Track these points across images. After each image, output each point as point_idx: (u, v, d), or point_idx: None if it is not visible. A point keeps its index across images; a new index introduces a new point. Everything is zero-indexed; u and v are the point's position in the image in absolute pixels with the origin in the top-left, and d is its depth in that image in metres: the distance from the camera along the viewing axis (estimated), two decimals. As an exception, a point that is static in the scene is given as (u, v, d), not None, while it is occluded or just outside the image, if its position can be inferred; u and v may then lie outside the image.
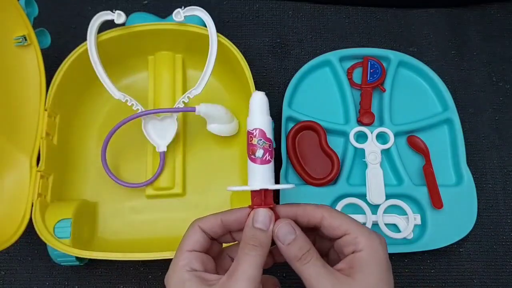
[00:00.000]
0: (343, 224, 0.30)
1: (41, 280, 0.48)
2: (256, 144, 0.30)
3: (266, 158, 0.30)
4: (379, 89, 0.54)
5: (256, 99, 0.32)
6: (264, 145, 0.30)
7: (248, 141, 0.31)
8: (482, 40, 0.59)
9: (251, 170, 0.30)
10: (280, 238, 0.29)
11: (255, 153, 0.30)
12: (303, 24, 0.59)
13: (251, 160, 0.30)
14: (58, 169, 0.46)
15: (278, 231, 0.29)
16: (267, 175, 0.30)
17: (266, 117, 0.31)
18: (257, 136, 0.30)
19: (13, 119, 0.45)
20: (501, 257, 0.50)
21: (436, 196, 0.48)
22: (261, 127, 0.30)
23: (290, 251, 0.29)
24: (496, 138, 0.54)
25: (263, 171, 0.30)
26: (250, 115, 0.31)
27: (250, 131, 0.31)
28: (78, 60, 0.47)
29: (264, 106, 0.31)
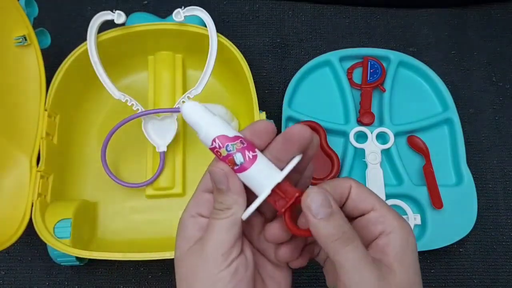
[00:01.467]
0: (370, 198, 0.25)
1: (41, 280, 0.48)
2: (228, 153, 0.24)
3: (249, 156, 0.24)
4: (379, 89, 0.54)
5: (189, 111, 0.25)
6: (236, 146, 0.24)
7: (220, 158, 0.25)
8: (482, 40, 0.59)
9: (249, 180, 0.25)
10: (312, 209, 0.23)
11: (235, 162, 0.24)
12: (303, 24, 0.59)
13: (239, 172, 0.25)
14: (58, 169, 0.46)
15: (309, 200, 0.23)
16: (266, 169, 0.25)
17: (213, 119, 0.25)
18: (222, 145, 0.24)
19: (13, 119, 0.45)
20: (501, 257, 0.50)
21: (436, 196, 0.48)
22: (218, 134, 0.25)
23: (325, 228, 0.23)
24: (496, 138, 0.54)
25: (258, 170, 0.24)
26: (198, 131, 0.25)
27: (211, 147, 0.25)
28: (78, 60, 0.47)
29: (201, 112, 0.25)
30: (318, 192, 0.24)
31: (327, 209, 0.23)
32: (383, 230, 0.25)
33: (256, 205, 0.25)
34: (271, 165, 0.25)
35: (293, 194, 0.24)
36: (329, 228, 0.23)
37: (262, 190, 0.24)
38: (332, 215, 0.23)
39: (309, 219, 0.24)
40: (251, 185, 0.25)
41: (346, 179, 0.26)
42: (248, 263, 0.25)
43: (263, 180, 0.24)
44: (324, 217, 0.23)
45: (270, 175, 0.24)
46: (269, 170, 0.25)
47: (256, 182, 0.25)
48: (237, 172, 0.25)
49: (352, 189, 0.26)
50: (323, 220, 0.23)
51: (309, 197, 0.24)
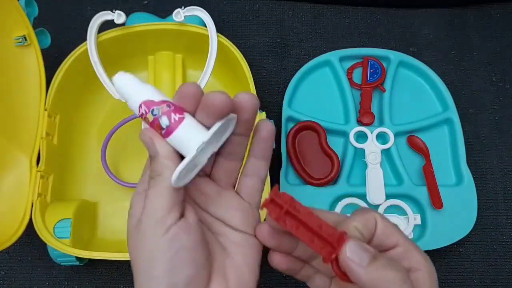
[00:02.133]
0: (395, 233, 0.25)
1: (41, 280, 0.48)
2: (153, 117, 0.24)
3: (175, 118, 0.23)
4: (379, 89, 0.54)
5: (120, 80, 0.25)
6: (162, 110, 0.23)
7: (149, 125, 0.24)
8: (482, 40, 0.59)
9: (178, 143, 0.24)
10: (355, 259, 0.22)
11: (161, 126, 0.23)
12: (303, 24, 0.59)
13: (166, 136, 0.24)
14: (58, 169, 0.46)
15: (347, 252, 0.23)
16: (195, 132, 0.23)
17: (141, 86, 0.25)
18: (148, 111, 0.24)
19: (13, 119, 0.45)
20: (501, 257, 0.50)
21: (436, 196, 0.48)
22: (143, 99, 0.24)
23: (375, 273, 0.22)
24: (496, 138, 0.54)
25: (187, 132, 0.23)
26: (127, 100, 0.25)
27: (139, 114, 0.24)
28: (78, 60, 0.47)
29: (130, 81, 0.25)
30: (353, 242, 0.23)
31: (369, 254, 0.23)
32: (410, 267, 0.24)
33: (183, 166, 0.23)
34: (199, 127, 0.24)
35: (341, 236, 0.23)
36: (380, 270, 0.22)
37: (189, 150, 0.23)
38: (376, 257, 0.23)
39: (356, 270, 0.22)
40: (180, 148, 0.24)
41: (371, 212, 0.25)
42: (191, 228, 0.24)
43: (190, 140, 0.23)
44: (369, 262, 0.22)
45: (198, 135, 0.23)
46: (197, 132, 0.23)
47: (183, 144, 0.24)
48: (165, 136, 0.24)
49: (378, 224, 0.25)
50: (371, 265, 0.22)
51: (347, 248, 0.23)
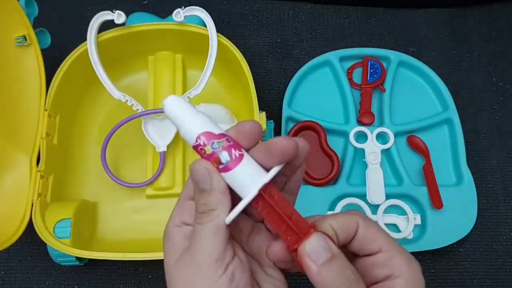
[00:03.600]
0: (379, 238, 0.24)
1: (41, 280, 0.48)
2: (213, 151, 0.23)
3: (235, 155, 0.23)
4: (379, 89, 0.54)
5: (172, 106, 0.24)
6: (222, 144, 0.23)
7: (203, 157, 0.23)
8: (482, 40, 0.59)
9: (234, 181, 0.23)
10: (311, 255, 0.22)
11: (220, 160, 0.23)
12: (303, 24, 0.59)
13: (223, 171, 0.23)
14: (58, 169, 0.46)
15: (306, 246, 0.22)
16: (252, 170, 0.23)
17: (198, 115, 0.24)
18: (207, 143, 0.23)
19: (13, 119, 0.45)
20: (501, 257, 0.50)
21: (436, 196, 0.48)
22: (203, 130, 0.23)
23: (326, 275, 0.22)
24: (496, 138, 0.54)
25: (244, 170, 0.23)
26: (181, 127, 0.24)
27: (195, 144, 0.23)
28: (78, 60, 0.47)
29: (185, 106, 0.24)
30: (316, 237, 0.23)
31: (328, 254, 0.22)
32: (390, 274, 0.23)
33: (242, 207, 0.23)
34: (257, 166, 0.23)
35: (308, 229, 0.23)
36: (331, 274, 0.22)
37: (248, 192, 0.23)
38: (334, 259, 0.22)
39: (309, 266, 0.22)
40: (235, 186, 0.23)
41: (354, 215, 0.24)
42: (244, 265, 0.24)
43: (249, 181, 0.23)
44: (324, 262, 0.22)
45: (257, 176, 0.23)
46: (256, 171, 0.23)
47: (242, 183, 0.23)
48: (222, 171, 0.23)
49: (360, 228, 0.24)
50: (324, 265, 0.22)
51: (307, 242, 0.22)
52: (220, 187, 0.23)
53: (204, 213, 0.23)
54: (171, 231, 0.25)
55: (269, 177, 0.23)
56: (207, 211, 0.23)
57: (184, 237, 0.25)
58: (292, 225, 0.23)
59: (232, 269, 0.23)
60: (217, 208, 0.23)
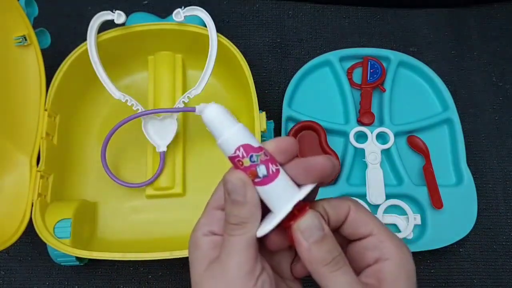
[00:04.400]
0: (369, 222, 0.25)
1: (41, 280, 0.48)
2: (251, 164, 0.23)
3: (272, 170, 0.23)
4: (379, 89, 0.54)
5: (213, 114, 0.24)
6: (260, 157, 0.23)
7: (240, 168, 0.23)
8: (482, 40, 0.59)
9: (268, 195, 0.23)
10: (304, 232, 0.23)
11: (257, 174, 0.23)
12: (303, 24, 0.59)
13: (258, 185, 0.23)
14: (58, 169, 0.46)
15: (301, 223, 0.23)
16: (287, 186, 0.23)
17: (237, 126, 0.24)
18: (246, 155, 0.23)
19: (13, 119, 0.45)
20: (501, 257, 0.50)
21: (436, 196, 0.48)
22: (243, 142, 0.23)
23: (315, 252, 0.23)
24: (496, 138, 0.54)
25: (280, 186, 0.23)
26: (219, 136, 0.24)
27: (233, 155, 0.23)
28: (78, 60, 0.47)
29: (227, 116, 0.24)
30: (310, 216, 0.23)
31: (320, 232, 0.23)
32: (380, 257, 0.24)
33: (276, 223, 0.23)
34: (291, 183, 0.24)
35: (303, 206, 0.23)
36: (320, 252, 0.23)
37: (282, 207, 0.23)
38: (324, 239, 0.23)
39: (300, 242, 0.23)
40: (268, 201, 0.24)
41: (345, 200, 0.25)
42: (271, 279, 0.24)
43: (283, 197, 0.23)
44: (316, 240, 0.23)
45: (291, 193, 0.23)
46: (290, 187, 0.23)
47: (276, 198, 0.23)
48: (257, 185, 0.23)
49: (351, 212, 0.25)
50: (315, 243, 0.23)
51: (302, 220, 0.23)
52: (254, 200, 0.23)
53: (237, 225, 0.23)
54: (200, 239, 0.25)
55: (303, 195, 0.23)
56: (240, 223, 0.23)
57: (213, 246, 0.25)
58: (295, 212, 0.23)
59: (262, 283, 0.23)
60: (249, 221, 0.23)
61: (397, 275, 0.24)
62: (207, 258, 0.24)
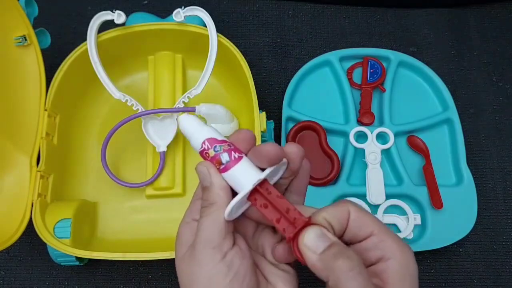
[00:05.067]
0: (370, 223, 0.25)
1: (41, 280, 0.48)
2: (215, 153, 0.26)
3: (235, 156, 0.26)
4: (379, 89, 0.54)
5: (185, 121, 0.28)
6: (223, 147, 0.26)
7: (207, 159, 0.27)
8: (482, 40, 0.59)
9: (234, 179, 0.26)
10: (310, 246, 0.23)
11: (221, 161, 0.26)
12: (303, 24, 0.59)
13: (224, 171, 0.26)
14: (58, 169, 0.46)
15: (304, 238, 0.24)
16: (250, 170, 0.26)
17: (204, 126, 0.27)
18: (210, 147, 0.26)
19: (13, 119, 0.45)
20: (501, 257, 0.50)
21: (436, 196, 0.48)
22: (206, 137, 0.27)
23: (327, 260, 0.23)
24: (496, 138, 0.54)
25: (242, 169, 0.26)
26: (190, 137, 0.27)
27: (201, 150, 0.27)
28: (78, 60, 0.47)
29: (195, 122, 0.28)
30: (311, 229, 0.24)
31: (326, 243, 0.23)
32: (382, 256, 0.24)
33: (237, 200, 0.25)
34: (254, 167, 0.26)
35: (304, 221, 0.25)
36: (331, 258, 0.23)
37: (244, 187, 0.25)
38: (332, 245, 0.23)
39: (310, 257, 0.23)
40: (234, 184, 0.26)
41: (344, 204, 0.25)
42: (244, 253, 0.25)
43: (245, 178, 0.25)
44: (325, 249, 0.23)
45: (253, 175, 0.25)
46: (252, 170, 0.26)
47: (238, 181, 0.26)
48: (222, 171, 0.26)
49: (351, 215, 0.25)
50: (325, 251, 0.23)
51: (305, 236, 0.24)
52: (218, 184, 0.26)
53: (205, 207, 0.26)
54: (181, 229, 0.27)
55: (263, 175, 0.25)
56: (208, 205, 0.26)
57: (191, 233, 0.26)
58: (288, 217, 0.25)
59: (231, 257, 0.24)
60: (215, 202, 0.25)
61: (401, 274, 0.23)
62: (186, 243, 0.26)
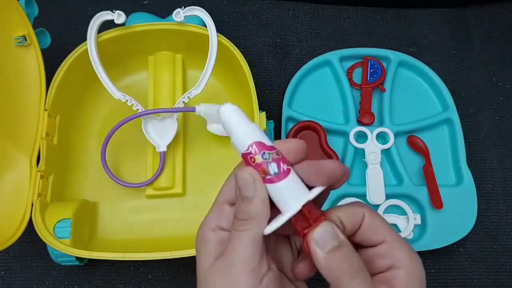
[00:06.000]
0: (383, 229, 0.24)
1: (41, 280, 0.48)
2: (262, 161, 0.23)
3: (283, 168, 0.23)
4: (379, 89, 0.54)
5: (230, 112, 0.25)
6: (272, 155, 0.23)
7: (251, 165, 0.24)
8: (482, 40, 0.59)
9: (278, 194, 0.24)
10: (319, 242, 0.23)
11: (268, 171, 0.23)
12: (303, 24, 0.59)
13: (269, 183, 0.23)
14: (58, 169, 0.46)
15: (315, 233, 0.23)
16: (296, 186, 0.23)
17: (252, 125, 0.25)
18: (258, 152, 0.23)
19: (13, 119, 0.45)
20: (501, 257, 0.50)
21: (436, 196, 0.48)
22: (256, 140, 0.24)
23: (333, 260, 0.22)
24: (496, 138, 0.54)
25: (289, 185, 0.23)
26: (234, 133, 0.24)
27: (246, 152, 0.24)
28: (78, 60, 0.47)
29: (243, 115, 0.25)
30: (324, 225, 0.23)
31: (335, 241, 0.23)
32: (392, 264, 0.24)
33: (284, 221, 0.23)
34: (301, 183, 0.24)
35: (319, 216, 0.24)
36: (337, 260, 0.22)
37: (291, 207, 0.23)
38: (340, 247, 0.23)
39: (316, 252, 0.23)
40: (278, 199, 0.24)
41: (360, 206, 0.25)
42: (277, 279, 0.24)
43: (292, 196, 0.23)
44: (331, 249, 0.22)
45: (300, 193, 0.23)
46: (299, 187, 0.24)
47: (284, 197, 0.23)
48: (267, 182, 0.24)
49: (365, 219, 0.24)
50: (331, 252, 0.22)
51: (316, 230, 0.23)
52: (262, 197, 0.23)
53: (244, 220, 0.23)
54: (207, 234, 0.25)
55: (312, 196, 0.23)
56: (247, 218, 0.23)
57: (220, 242, 0.24)
58: (304, 212, 0.23)
59: (267, 283, 0.23)
60: (257, 217, 0.23)
61: (410, 284, 0.23)
62: (213, 253, 0.24)
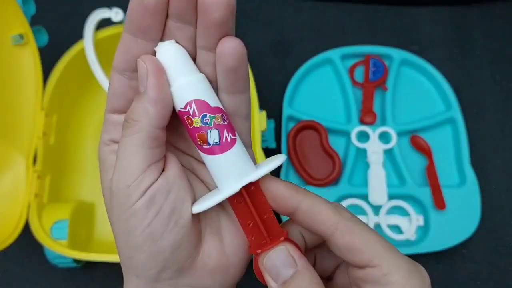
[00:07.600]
0: (368, 247, 0.19)
1: (38, 282, 0.48)
2: (201, 126, 0.19)
3: (227, 138, 0.19)
4: (381, 88, 0.53)
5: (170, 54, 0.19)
6: (215, 120, 0.19)
7: (188, 127, 0.19)
8: (486, 39, 0.58)
9: (217, 167, 0.20)
10: (271, 271, 0.19)
11: (206, 139, 0.19)
12: (305, 22, 0.59)
13: (205, 153, 0.19)
14: (55, 169, 0.46)
15: (266, 260, 0.19)
16: (242, 163, 0.20)
17: (197, 76, 0.19)
18: (197, 113, 0.19)
19: (9, 118, 0.45)
20: (505, 258, 0.49)
21: (439, 197, 0.48)
22: (197, 97, 0.19)
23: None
24: (499, 138, 0.54)
25: (233, 160, 0.19)
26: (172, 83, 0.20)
27: (182, 110, 0.19)
28: (75, 58, 0.47)
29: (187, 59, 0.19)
30: (277, 251, 0.19)
31: (289, 271, 0.19)
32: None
33: (216, 202, 0.19)
34: (248, 159, 0.20)
35: (277, 235, 0.20)
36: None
37: (228, 185, 0.20)
38: (297, 277, 0.19)
39: (269, 283, 0.19)
40: (216, 174, 0.20)
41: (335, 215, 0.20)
42: (171, 185, 0.20)
43: (233, 174, 0.19)
44: (285, 280, 0.19)
45: (244, 170, 0.20)
46: (244, 163, 0.20)
47: (224, 174, 0.20)
48: (205, 152, 0.20)
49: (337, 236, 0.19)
50: (285, 284, 0.19)
51: (267, 256, 0.19)
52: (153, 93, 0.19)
53: (128, 122, 0.19)
54: (102, 151, 0.22)
55: (255, 176, 0.20)
56: (131, 121, 0.19)
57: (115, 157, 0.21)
58: (260, 225, 0.20)
59: (152, 194, 0.19)
60: (140, 119, 0.19)
61: None
62: (111, 169, 0.21)
